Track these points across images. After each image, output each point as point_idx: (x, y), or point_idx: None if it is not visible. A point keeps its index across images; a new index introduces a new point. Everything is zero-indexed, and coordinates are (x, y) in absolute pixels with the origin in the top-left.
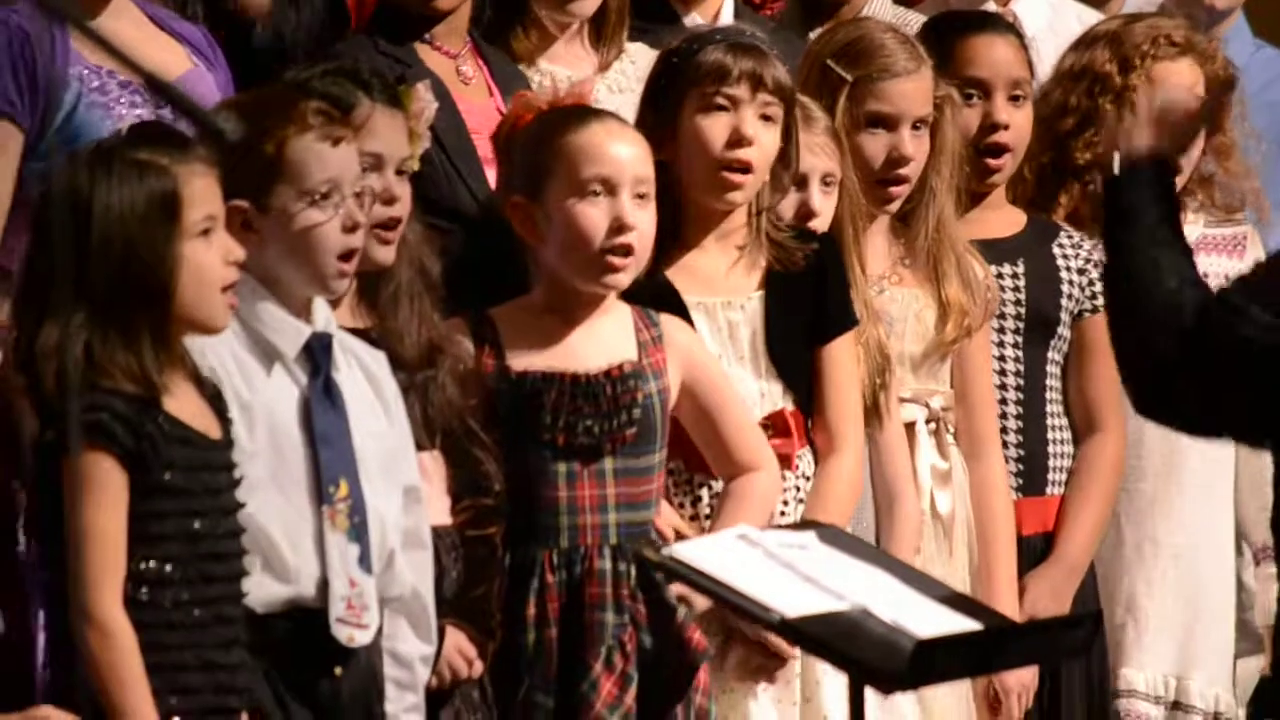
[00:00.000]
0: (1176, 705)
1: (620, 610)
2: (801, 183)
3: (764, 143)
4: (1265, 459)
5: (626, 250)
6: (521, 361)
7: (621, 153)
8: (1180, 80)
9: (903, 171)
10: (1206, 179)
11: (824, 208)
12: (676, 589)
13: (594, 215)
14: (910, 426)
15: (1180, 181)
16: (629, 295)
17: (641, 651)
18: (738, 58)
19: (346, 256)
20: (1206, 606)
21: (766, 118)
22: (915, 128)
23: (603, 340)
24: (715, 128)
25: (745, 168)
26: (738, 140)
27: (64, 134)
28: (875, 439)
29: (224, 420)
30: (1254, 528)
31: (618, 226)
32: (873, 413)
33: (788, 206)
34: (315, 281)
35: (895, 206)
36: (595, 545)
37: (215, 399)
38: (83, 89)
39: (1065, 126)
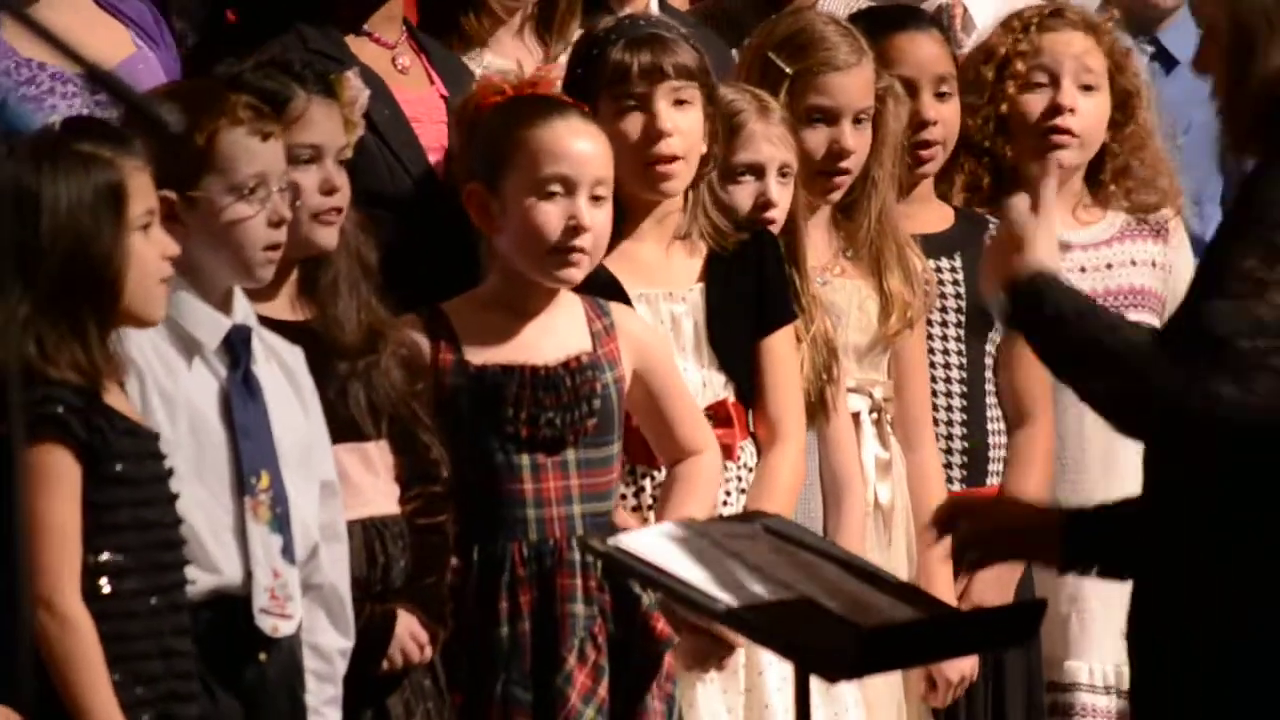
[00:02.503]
0: None
1: (590, 601)
2: (759, 173)
3: (684, 128)
4: None
5: (580, 249)
6: (479, 355)
7: (583, 152)
8: (1069, 49)
9: (844, 164)
10: (1122, 170)
11: (781, 199)
12: None
13: (551, 214)
14: (855, 417)
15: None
16: (577, 286)
17: (611, 641)
18: (635, 53)
19: (271, 249)
20: None
21: (682, 101)
22: (857, 120)
23: (557, 332)
24: (631, 128)
25: (671, 159)
26: (657, 135)
27: None
28: (823, 432)
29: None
30: None
31: (573, 227)
32: (819, 407)
33: (745, 197)
34: (241, 271)
35: (837, 197)
36: (563, 537)
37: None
38: (12, 83)
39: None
